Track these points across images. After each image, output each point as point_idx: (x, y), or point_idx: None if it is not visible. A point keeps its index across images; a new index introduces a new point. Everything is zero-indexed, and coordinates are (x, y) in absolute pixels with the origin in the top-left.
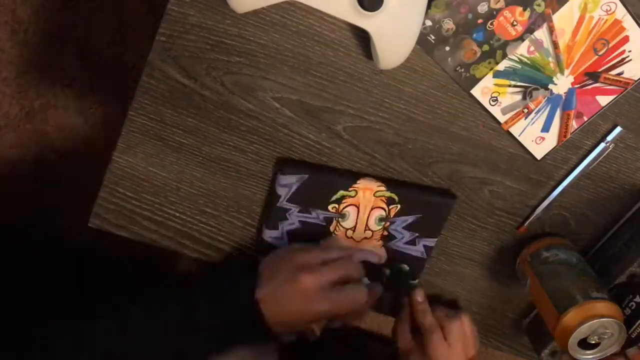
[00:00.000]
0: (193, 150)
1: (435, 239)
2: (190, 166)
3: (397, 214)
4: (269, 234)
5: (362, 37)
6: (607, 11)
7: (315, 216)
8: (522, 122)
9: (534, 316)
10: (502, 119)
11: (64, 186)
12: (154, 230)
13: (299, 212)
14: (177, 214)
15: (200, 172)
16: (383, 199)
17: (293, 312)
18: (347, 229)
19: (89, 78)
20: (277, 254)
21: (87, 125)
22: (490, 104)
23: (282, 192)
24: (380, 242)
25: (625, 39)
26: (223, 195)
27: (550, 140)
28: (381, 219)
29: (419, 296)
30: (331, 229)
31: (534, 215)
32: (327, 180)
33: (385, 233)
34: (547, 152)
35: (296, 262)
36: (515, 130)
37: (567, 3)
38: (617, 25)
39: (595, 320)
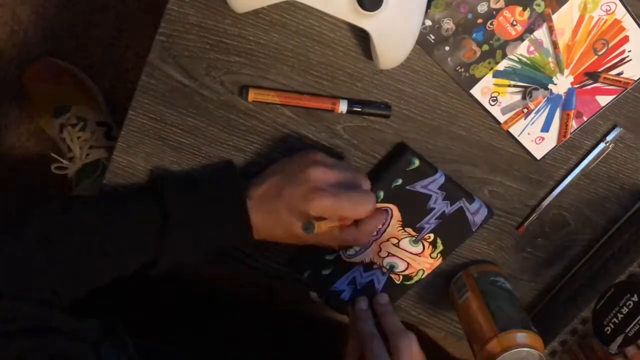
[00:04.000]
0: (193, 150)
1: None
2: (190, 166)
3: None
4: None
5: (362, 37)
6: (607, 11)
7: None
8: (522, 122)
9: (535, 315)
10: (501, 119)
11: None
12: None
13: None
14: None
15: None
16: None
17: (292, 204)
18: (402, 273)
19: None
20: (287, 158)
21: None
22: (490, 103)
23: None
24: (432, 249)
25: (625, 39)
26: None
27: (550, 140)
28: (415, 241)
29: (382, 299)
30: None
31: (534, 215)
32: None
33: (430, 239)
34: (546, 152)
35: (312, 158)
36: (515, 130)
37: (567, 3)
38: (616, 25)
39: (528, 349)
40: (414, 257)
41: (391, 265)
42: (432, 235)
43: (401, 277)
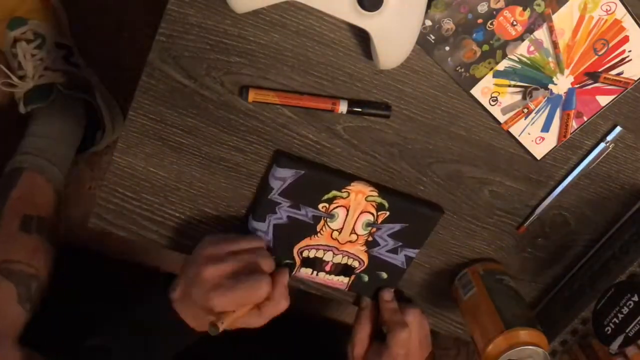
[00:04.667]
0: (193, 150)
1: (417, 250)
2: (190, 166)
3: (385, 221)
4: (255, 225)
5: (362, 37)
6: (607, 11)
7: (304, 213)
8: (522, 122)
9: (535, 315)
10: (502, 119)
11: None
12: (154, 230)
13: (288, 207)
14: (177, 214)
15: (200, 172)
16: (373, 204)
17: (199, 306)
18: (333, 230)
19: None
20: (193, 251)
21: None
22: (490, 104)
23: (276, 184)
24: (364, 248)
25: (625, 39)
26: (223, 196)
27: (550, 140)
28: (368, 224)
29: (387, 295)
30: (318, 228)
31: (534, 215)
32: (321, 179)
33: (370, 239)
34: (547, 152)
35: (203, 254)
36: (515, 130)
37: (567, 3)
38: (617, 25)
39: (533, 347)
40: (349, 234)
41: (334, 215)
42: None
43: (327, 230)
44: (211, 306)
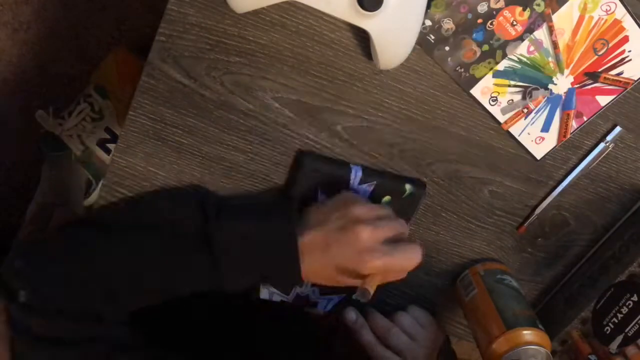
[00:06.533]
0: (193, 150)
1: None
2: (190, 166)
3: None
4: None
5: (362, 37)
6: (606, 11)
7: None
8: (522, 122)
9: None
10: (502, 118)
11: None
12: None
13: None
14: None
15: (200, 172)
16: None
17: (341, 264)
18: None
19: (89, 78)
20: (326, 203)
21: None
22: (490, 104)
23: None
24: None
25: (625, 39)
26: (223, 196)
27: (550, 140)
28: None
29: (351, 316)
30: None
31: (534, 215)
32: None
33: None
34: (547, 152)
35: (352, 213)
36: (515, 130)
37: (567, 3)
38: (616, 25)
39: (535, 347)
40: None
41: None
42: None
43: None
44: (360, 268)
